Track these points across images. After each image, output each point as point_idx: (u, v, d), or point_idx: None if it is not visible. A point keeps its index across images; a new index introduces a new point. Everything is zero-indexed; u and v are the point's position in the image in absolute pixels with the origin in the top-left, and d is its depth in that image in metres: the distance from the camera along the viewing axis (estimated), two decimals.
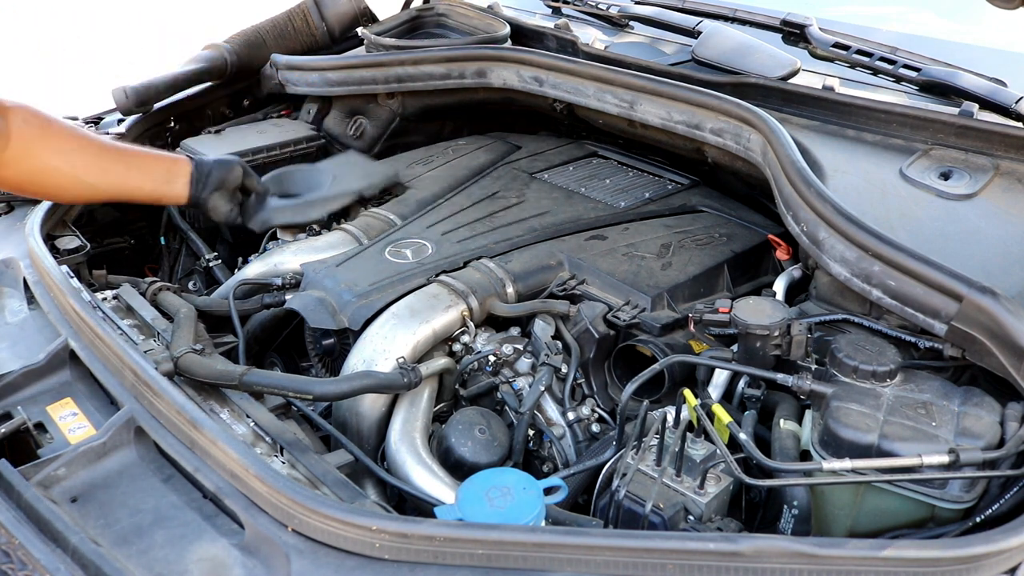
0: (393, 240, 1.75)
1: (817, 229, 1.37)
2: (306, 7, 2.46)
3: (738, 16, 2.13)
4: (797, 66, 1.88)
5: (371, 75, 2.20)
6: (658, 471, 1.16)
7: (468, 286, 1.58)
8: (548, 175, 2.06)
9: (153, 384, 1.26)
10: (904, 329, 1.32)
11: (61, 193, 1.56)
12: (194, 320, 1.54)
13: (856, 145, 1.69)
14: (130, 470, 1.22)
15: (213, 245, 2.17)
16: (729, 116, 1.73)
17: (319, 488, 1.19)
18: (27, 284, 1.59)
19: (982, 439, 1.09)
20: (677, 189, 2.02)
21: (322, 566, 1.03)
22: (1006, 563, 0.98)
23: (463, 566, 1.01)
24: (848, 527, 1.17)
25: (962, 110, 1.66)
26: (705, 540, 0.98)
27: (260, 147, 2.15)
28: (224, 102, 2.39)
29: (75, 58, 6.32)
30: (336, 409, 1.51)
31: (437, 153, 2.18)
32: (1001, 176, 1.55)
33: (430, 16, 2.52)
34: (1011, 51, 1.93)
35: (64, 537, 1.07)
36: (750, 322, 1.28)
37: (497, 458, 1.40)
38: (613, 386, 1.56)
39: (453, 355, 1.58)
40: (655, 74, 1.91)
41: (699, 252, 1.70)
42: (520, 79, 2.08)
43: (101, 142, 1.54)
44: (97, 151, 1.50)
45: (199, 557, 1.08)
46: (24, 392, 1.37)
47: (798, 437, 1.23)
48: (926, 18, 2.27)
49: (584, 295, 1.60)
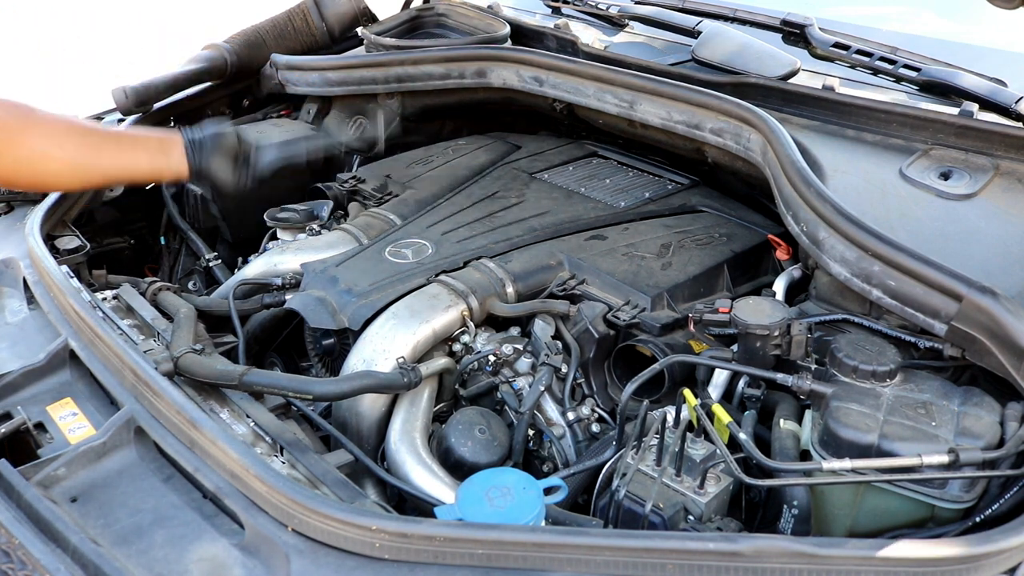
0: (393, 240, 1.75)
1: (817, 229, 1.37)
2: (306, 7, 2.46)
3: (738, 16, 2.13)
4: (797, 66, 1.88)
5: (371, 75, 2.20)
6: (658, 471, 1.16)
7: (468, 286, 1.58)
8: (548, 175, 2.06)
9: (153, 384, 1.26)
10: (904, 329, 1.32)
11: (56, 180, 1.52)
12: (194, 320, 1.54)
13: (856, 145, 1.69)
14: (130, 470, 1.22)
15: (213, 245, 2.17)
16: (729, 116, 1.73)
17: (319, 488, 1.20)
18: (27, 284, 1.59)
19: (982, 439, 1.09)
20: (677, 189, 2.02)
21: (322, 566, 1.04)
22: (1006, 563, 0.98)
23: (463, 566, 1.01)
24: (848, 527, 1.17)
25: (962, 110, 1.66)
26: (705, 540, 0.98)
27: None
28: (224, 102, 2.39)
29: (75, 58, 6.32)
30: (336, 409, 1.51)
31: (437, 153, 2.18)
32: (1001, 176, 1.55)
33: (430, 16, 2.52)
34: (1011, 51, 1.92)
35: (64, 537, 1.07)
36: (750, 322, 1.28)
37: (497, 458, 1.40)
38: (613, 386, 1.56)
39: (453, 355, 1.58)
40: (655, 74, 1.91)
41: (699, 252, 1.70)
42: (520, 79, 2.08)
43: (89, 125, 1.51)
44: (86, 133, 1.47)
45: (199, 557, 1.08)
46: (24, 392, 1.37)
47: (798, 437, 1.23)
48: (926, 18, 2.27)
49: (584, 295, 1.60)
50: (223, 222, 2.16)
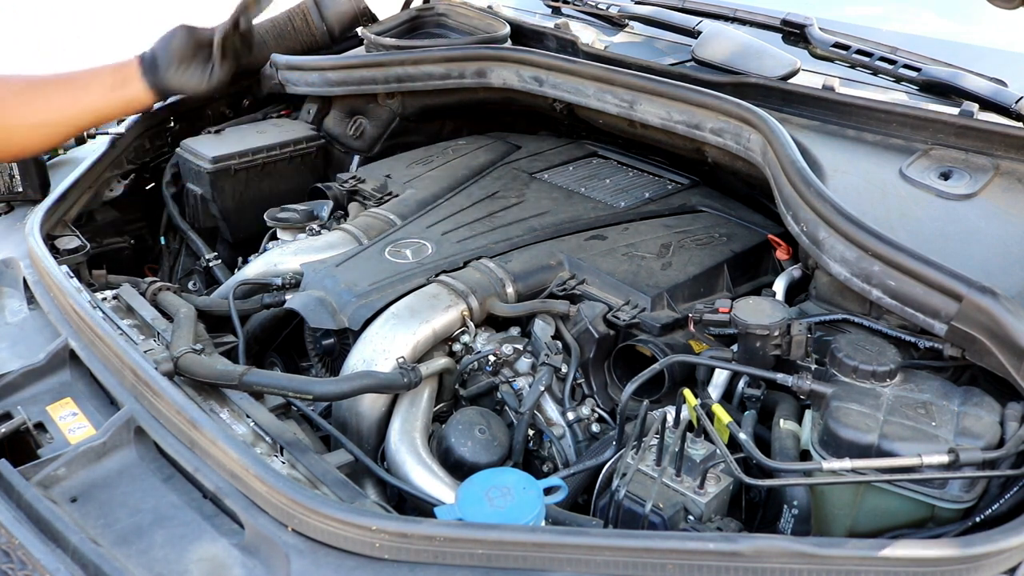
0: (393, 240, 1.75)
1: (817, 229, 1.37)
2: (306, 7, 2.46)
3: (738, 16, 2.13)
4: (797, 66, 1.88)
5: (371, 75, 2.20)
6: (658, 471, 1.16)
7: (468, 286, 1.58)
8: (548, 175, 2.06)
9: (153, 384, 1.26)
10: (904, 329, 1.32)
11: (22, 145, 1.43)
12: (194, 320, 1.54)
13: (856, 145, 1.69)
14: (130, 470, 1.22)
15: (213, 245, 2.17)
16: (729, 116, 1.73)
17: (319, 488, 1.19)
18: (27, 284, 1.59)
19: (982, 439, 1.09)
20: (677, 189, 2.02)
21: (322, 566, 1.04)
22: (1006, 563, 0.98)
23: (463, 566, 1.01)
24: (848, 527, 1.17)
25: (962, 110, 1.66)
26: (705, 540, 0.98)
27: (260, 147, 2.15)
28: (224, 102, 2.39)
29: (75, 58, 6.32)
30: (336, 409, 1.51)
31: (437, 153, 2.18)
32: (1001, 176, 1.55)
33: (430, 16, 2.52)
34: (1011, 51, 1.92)
35: (64, 537, 1.07)
36: (750, 322, 1.28)
37: (497, 458, 1.40)
38: (613, 386, 1.56)
39: (453, 355, 1.58)
40: (655, 74, 1.91)
41: (699, 252, 1.70)
42: (520, 79, 2.08)
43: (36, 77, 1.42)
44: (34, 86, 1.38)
45: (199, 557, 1.08)
46: (24, 392, 1.37)
47: (798, 437, 1.23)
48: (926, 18, 2.27)
49: (584, 295, 1.60)
50: (223, 222, 2.16)
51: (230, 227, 2.17)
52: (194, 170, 2.11)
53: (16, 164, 1.82)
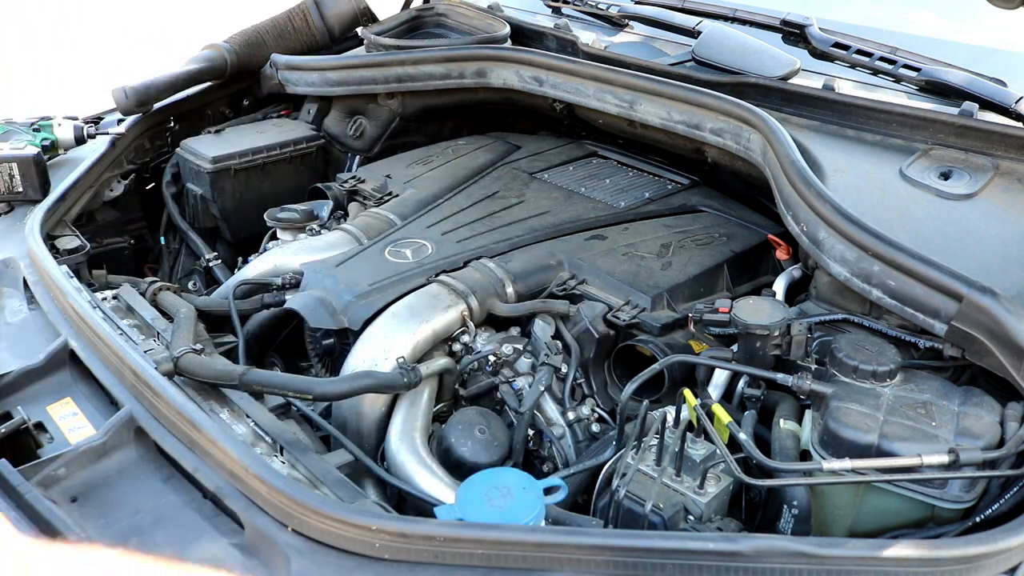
0: (393, 240, 1.75)
1: (817, 229, 1.37)
2: (306, 7, 2.46)
3: (738, 16, 2.13)
4: (797, 66, 1.88)
5: (371, 75, 2.20)
6: (658, 471, 1.16)
7: (468, 286, 1.58)
8: (548, 175, 2.06)
9: (153, 384, 1.26)
10: (904, 329, 1.32)
11: None
12: (194, 320, 1.54)
13: (856, 145, 1.69)
14: (130, 470, 1.22)
15: (213, 245, 2.17)
16: (729, 116, 1.73)
17: (319, 488, 1.19)
18: (27, 284, 1.59)
19: (982, 439, 1.09)
20: (677, 189, 2.01)
21: (322, 566, 1.03)
22: (1006, 563, 0.98)
23: (463, 566, 1.01)
24: (848, 527, 1.17)
25: (962, 110, 1.66)
26: (705, 540, 0.98)
27: (260, 147, 2.15)
28: (224, 102, 2.39)
29: (75, 58, 6.32)
30: (336, 409, 1.51)
31: (437, 153, 2.18)
32: (1001, 176, 1.55)
33: (430, 16, 2.52)
34: (1011, 51, 1.92)
35: (64, 537, 1.06)
36: (750, 322, 1.28)
37: (497, 458, 1.40)
38: (613, 386, 1.56)
39: (453, 355, 1.58)
40: (655, 74, 1.91)
41: (699, 252, 1.70)
42: (520, 79, 2.08)
43: None
44: None
45: (199, 557, 1.08)
46: (24, 392, 1.37)
47: (798, 437, 1.23)
48: (926, 18, 2.27)
49: (584, 295, 1.60)
50: (223, 222, 2.16)
51: (230, 227, 2.17)
52: (194, 170, 2.12)
53: (16, 164, 1.82)
